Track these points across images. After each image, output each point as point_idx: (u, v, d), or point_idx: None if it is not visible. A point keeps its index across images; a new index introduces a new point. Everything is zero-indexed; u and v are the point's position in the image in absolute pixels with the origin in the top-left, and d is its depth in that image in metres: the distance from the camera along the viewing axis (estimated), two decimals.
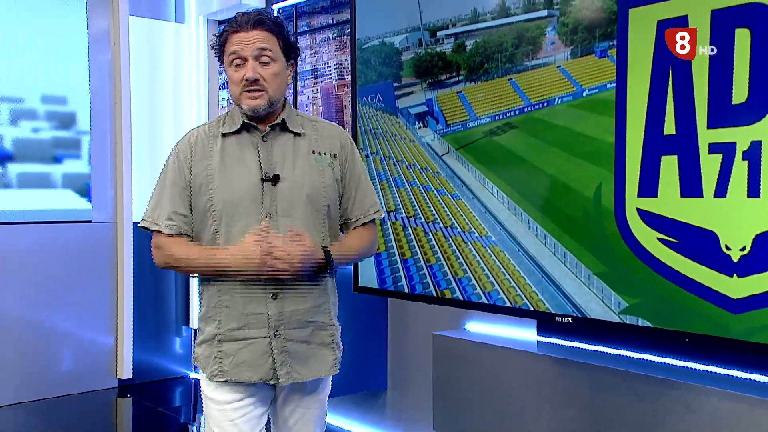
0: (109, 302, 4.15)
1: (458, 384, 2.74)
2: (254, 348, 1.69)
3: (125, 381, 4.18)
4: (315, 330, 1.74)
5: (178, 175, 1.72)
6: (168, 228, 1.71)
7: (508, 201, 2.46)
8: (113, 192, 4.15)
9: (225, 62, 1.71)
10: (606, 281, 2.22)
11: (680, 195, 2.04)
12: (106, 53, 4.10)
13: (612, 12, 2.16)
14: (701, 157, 1.99)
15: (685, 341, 2.07)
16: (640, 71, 2.10)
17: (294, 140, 1.74)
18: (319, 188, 1.72)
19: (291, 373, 1.71)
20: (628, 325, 2.18)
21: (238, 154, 1.71)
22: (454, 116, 2.62)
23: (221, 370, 1.69)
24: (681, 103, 2.03)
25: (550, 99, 2.34)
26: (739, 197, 1.92)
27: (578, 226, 2.28)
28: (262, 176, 1.68)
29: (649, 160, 2.10)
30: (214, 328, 1.71)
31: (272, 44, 1.68)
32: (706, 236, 2.00)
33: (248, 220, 1.68)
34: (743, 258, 1.93)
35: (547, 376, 2.44)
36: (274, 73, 1.68)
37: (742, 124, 1.91)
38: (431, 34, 2.66)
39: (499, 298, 2.51)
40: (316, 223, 1.72)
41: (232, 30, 1.68)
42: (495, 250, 2.51)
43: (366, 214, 1.82)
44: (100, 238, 4.11)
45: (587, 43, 2.22)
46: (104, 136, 4.12)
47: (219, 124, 1.76)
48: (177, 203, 1.72)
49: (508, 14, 2.43)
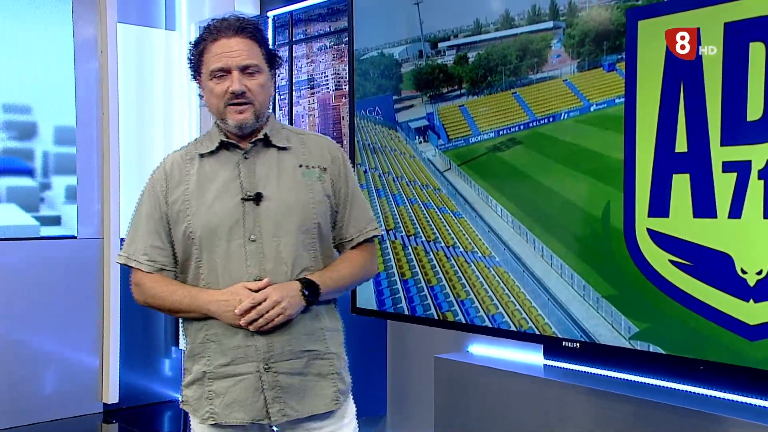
0: (95, 322, 4.12)
1: (461, 409, 2.71)
2: (244, 385, 1.62)
3: (111, 405, 4.14)
4: (310, 360, 1.65)
5: (153, 206, 1.68)
6: (145, 265, 1.67)
7: (513, 220, 2.45)
8: (100, 207, 4.13)
9: (203, 74, 1.64)
10: (615, 305, 2.20)
11: (693, 215, 2.03)
12: (93, 62, 4.10)
13: (620, 24, 2.16)
14: (714, 175, 1.98)
15: (700, 369, 2.05)
16: (650, 86, 2.09)
17: (279, 155, 1.67)
18: (307, 205, 1.66)
19: (285, 410, 1.63)
20: (639, 351, 2.16)
21: (216, 174, 1.65)
22: (456, 131, 2.61)
23: (212, 412, 1.63)
24: (693, 119, 2.02)
25: (556, 114, 2.33)
26: (755, 218, 1.91)
27: (586, 246, 2.27)
28: (242, 196, 1.62)
29: (660, 179, 2.09)
30: (203, 366, 1.64)
31: (256, 53, 1.62)
32: (720, 259, 1.99)
33: (230, 244, 1.62)
34: (760, 282, 1.92)
35: (555, 402, 2.42)
36: (260, 85, 1.62)
37: (757, 141, 1.91)
38: (432, 45, 2.66)
39: (504, 321, 2.49)
40: (306, 243, 1.65)
41: (212, 38, 1.61)
42: (499, 271, 2.50)
43: (363, 232, 1.75)
44: (85, 254, 4.09)
45: (594, 56, 2.22)
46: (91, 148, 4.11)
47: (197, 145, 1.70)
48: (153, 237, 1.67)
49: (512, 25, 2.43)
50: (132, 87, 4.23)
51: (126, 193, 4.14)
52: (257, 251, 1.62)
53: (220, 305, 1.60)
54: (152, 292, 1.67)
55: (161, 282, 1.67)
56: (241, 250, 1.61)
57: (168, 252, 1.68)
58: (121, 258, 1.71)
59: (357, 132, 2.93)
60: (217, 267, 1.63)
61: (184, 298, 1.64)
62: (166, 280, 1.68)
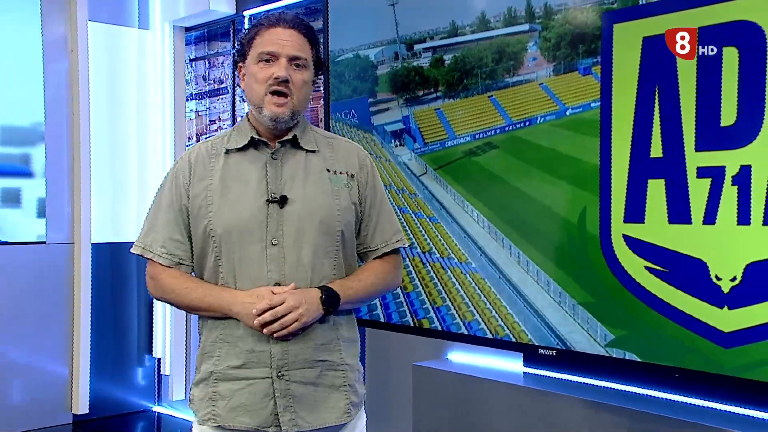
0: (65, 329, 4.09)
1: (439, 417, 2.73)
2: (254, 390, 1.61)
3: (81, 416, 4.11)
4: (324, 370, 1.64)
5: (174, 197, 1.66)
6: (163, 258, 1.66)
7: (489, 225, 2.47)
8: (70, 210, 4.11)
9: (249, 58, 1.64)
10: (591, 312, 2.23)
11: (668, 221, 2.07)
12: (63, 61, 4.08)
13: (596, 27, 2.19)
14: (689, 181, 2.02)
15: (675, 377, 2.08)
16: (626, 90, 2.13)
17: (306, 158, 1.67)
18: (332, 211, 1.65)
19: (296, 420, 1.61)
20: (615, 358, 2.19)
21: (242, 172, 1.64)
22: (432, 134, 2.63)
23: (214, 413, 1.63)
24: (668, 124, 2.06)
25: (532, 118, 2.36)
26: (728, 224, 1.95)
27: (562, 252, 2.30)
28: (268, 197, 1.62)
29: (636, 184, 2.12)
30: (211, 365, 1.64)
31: (306, 49, 1.64)
32: (695, 265, 2.02)
33: (252, 246, 1.61)
34: (734, 289, 1.95)
35: (534, 410, 2.44)
36: (303, 80, 1.63)
37: (731, 147, 1.94)
38: (408, 47, 2.68)
39: (480, 328, 2.51)
40: (328, 251, 1.64)
41: (269, 24, 1.63)
42: (475, 277, 2.52)
43: (388, 242, 1.74)
44: (55, 260, 4.07)
45: (570, 59, 2.25)
46: (61, 150, 4.09)
47: (224, 139, 1.69)
48: (172, 229, 1.66)
49: (488, 28, 2.45)
50: (103, 87, 4.21)
51: (98, 197, 4.13)
52: (278, 255, 1.61)
53: (245, 306, 1.59)
54: (170, 287, 1.66)
55: (180, 278, 1.66)
56: (262, 254, 1.61)
57: (187, 246, 1.67)
58: (138, 248, 1.69)
59: None
60: (235, 268, 1.62)
61: (205, 297, 1.63)
62: (185, 276, 1.67)
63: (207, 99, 4.25)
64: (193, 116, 4.37)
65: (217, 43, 4.17)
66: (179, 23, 4.25)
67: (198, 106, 4.31)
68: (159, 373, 4.42)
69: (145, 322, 4.41)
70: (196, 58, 4.30)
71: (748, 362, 1.93)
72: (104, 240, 4.12)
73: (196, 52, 4.29)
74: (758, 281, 1.90)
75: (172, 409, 4.28)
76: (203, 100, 4.28)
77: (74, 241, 4.10)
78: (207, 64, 4.24)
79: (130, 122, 4.33)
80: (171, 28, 4.26)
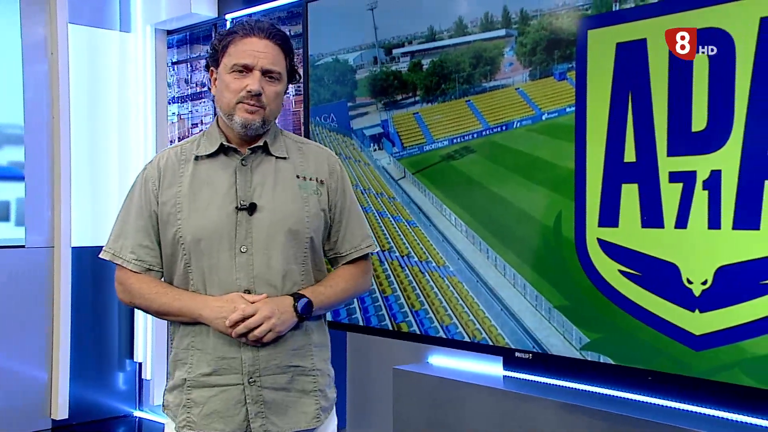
0: (44, 334, 4.08)
1: (420, 421, 2.75)
2: (226, 396, 1.63)
3: (60, 422, 4.09)
4: (295, 376, 1.67)
5: (144, 203, 1.67)
6: (132, 264, 1.67)
7: (467, 229, 2.50)
8: (50, 214, 4.10)
9: (222, 66, 1.64)
10: (567, 315, 2.26)
11: (641, 225, 2.10)
12: (42, 64, 4.07)
13: (571, 33, 2.22)
14: (662, 186, 2.05)
15: (648, 379, 2.11)
16: (600, 95, 2.16)
17: (276, 164, 1.68)
18: (302, 219, 1.66)
19: (266, 426, 1.64)
20: (590, 361, 2.21)
21: (211, 179, 1.65)
22: (410, 139, 2.66)
23: (190, 420, 1.65)
24: (641, 129, 2.09)
25: (508, 122, 2.39)
26: (699, 228, 1.98)
27: (538, 256, 2.33)
28: (237, 205, 1.63)
29: (610, 188, 2.15)
30: (184, 373, 1.66)
31: (280, 61, 1.64)
32: (667, 269, 2.05)
33: (221, 254, 1.62)
34: (705, 292, 1.99)
35: (513, 413, 2.46)
36: (276, 92, 1.64)
37: (701, 152, 1.98)
38: (387, 51, 2.71)
39: (458, 332, 2.54)
40: (297, 257, 1.66)
41: (244, 33, 1.62)
42: (453, 281, 2.54)
43: (357, 248, 1.77)
44: (34, 264, 4.05)
45: (546, 64, 2.28)
46: (40, 153, 4.08)
47: (193, 145, 1.70)
48: (142, 235, 1.67)
49: (465, 33, 2.48)
50: (84, 90, 4.20)
51: (78, 200, 4.12)
52: (247, 263, 1.62)
53: (214, 311, 1.60)
54: (139, 292, 1.67)
55: (149, 282, 1.67)
56: (231, 261, 1.62)
57: (156, 252, 1.68)
58: (107, 254, 1.69)
59: (312, 139, 2.96)
60: (205, 275, 1.63)
61: (174, 301, 1.64)
62: (154, 281, 1.68)
63: (189, 102, 4.26)
64: (175, 119, 4.38)
65: (199, 46, 4.18)
66: (161, 26, 4.26)
67: (180, 109, 4.31)
68: (140, 378, 4.41)
69: (126, 327, 4.40)
70: (179, 61, 4.30)
71: (717, 365, 1.96)
72: (85, 244, 4.11)
73: (178, 55, 4.30)
74: (728, 284, 1.94)
75: (154, 414, 4.27)
76: (185, 104, 4.28)
77: (54, 245, 4.10)
78: (189, 67, 4.25)
79: (111, 125, 4.32)
80: (153, 31, 4.27)
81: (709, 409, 2.05)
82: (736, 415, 2.00)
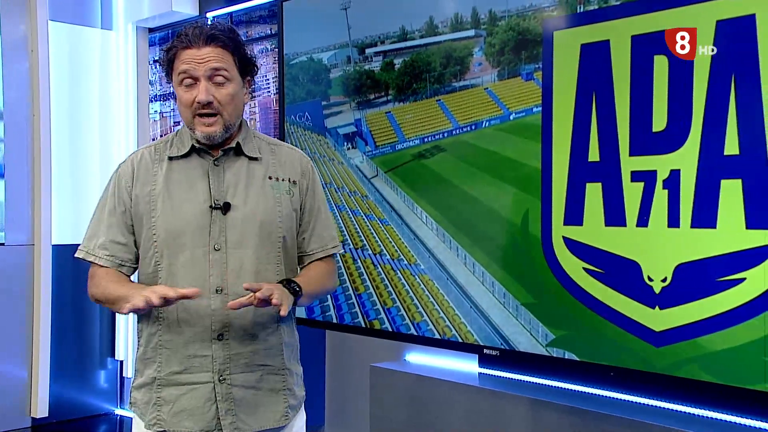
0: (24, 332, 4.12)
1: (396, 418, 2.80)
2: (196, 394, 1.66)
3: (40, 420, 4.13)
4: (264, 374, 1.70)
5: (117, 201, 1.71)
6: (104, 260, 1.69)
7: (437, 227, 2.55)
8: (30, 212, 4.14)
9: (174, 81, 1.67)
10: (534, 312, 2.32)
11: (604, 223, 2.16)
12: (22, 61, 4.11)
13: (538, 34, 2.28)
14: (624, 185, 2.11)
15: (610, 375, 2.17)
16: (565, 95, 2.22)
17: (249, 165, 1.71)
18: (274, 218, 1.69)
19: (236, 423, 1.67)
20: (555, 358, 2.27)
21: (185, 179, 1.69)
22: (382, 137, 2.72)
23: (159, 419, 1.67)
24: (604, 129, 2.15)
25: (478, 122, 2.45)
26: (660, 227, 2.05)
27: (506, 254, 2.39)
28: (211, 204, 1.66)
29: (575, 187, 2.21)
30: (154, 371, 1.69)
31: (227, 62, 1.64)
32: (629, 267, 2.11)
33: (194, 252, 1.65)
34: (665, 289, 2.05)
35: (488, 410, 2.51)
36: (229, 95, 1.64)
37: (661, 152, 2.04)
38: (360, 51, 2.76)
39: (429, 329, 2.59)
40: (270, 257, 1.69)
41: (182, 45, 1.63)
42: (424, 278, 2.60)
43: (324, 248, 1.80)
44: (14, 261, 4.09)
45: (514, 65, 2.34)
46: (21, 150, 4.12)
47: (166, 145, 1.73)
48: (114, 232, 1.70)
49: (435, 33, 2.54)
50: (65, 88, 4.24)
51: (59, 199, 4.16)
52: (221, 261, 1.65)
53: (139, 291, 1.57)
54: (98, 283, 1.68)
55: (111, 275, 1.68)
56: (204, 258, 1.65)
57: (130, 249, 1.71)
58: (81, 252, 1.73)
59: (287, 138, 3.02)
60: (177, 272, 1.66)
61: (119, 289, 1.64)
62: (117, 275, 1.69)
63: (171, 100, 4.30)
64: (157, 117, 4.42)
65: None
66: (142, 24, 4.30)
67: (162, 107, 4.36)
68: (121, 376, 4.46)
69: (108, 325, 4.44)
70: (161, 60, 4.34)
71: (676, 360, 2.03)
72: (65, 242, 4.15)
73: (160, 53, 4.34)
74: (686, 282, 2.00)
75: None
76: (168, 101, 4.33)
77: (34, 243, 4.14)
78: None
79: (92, 123, 4.36)
80: (134, 28, 4.31)
81: (669, 403, 2.11)
82: (694, 410, 2.06)
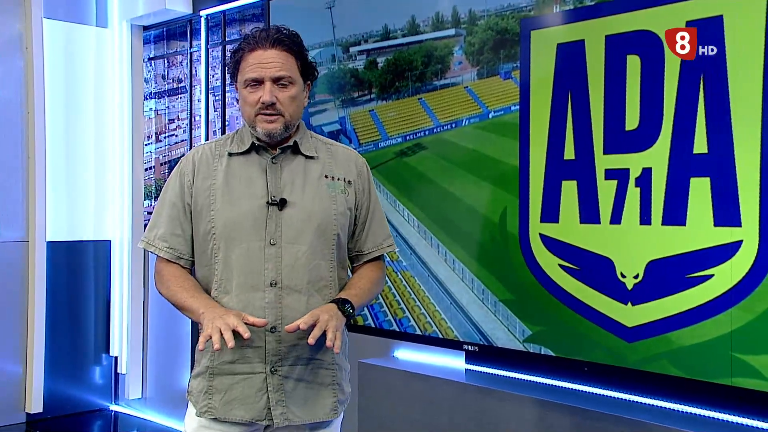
0: (19, 328, 4.19)
1: (384, 414, 2.86)
2: (248, 384, 1.73)
3: (35, 415, 4.19)
4: (315, 368, 1.76)
5: (177, 194, 1.79)
6: (163, 251, 1.79)
7: (419, 225, 2.62)
8: (25, 209, 4.22)
9: (239, 82, 1.76)
10: (511, 309, 2.38)
11: (579, 221, 2.22)
12: (17, 59, 4.19)
13: (515, 33, 2.34)
14: (598, 182, 2.17)
15: (584, 370, 2.23)
16: (542, 94, 2.28)
17: (306, 164, 1.79)
18: (329, 216, 1.76)
19: (287, 414, 1.73)
20: (532, 353, 2.33)
21: (244, 175, 1.77)
22: (366, 135, 2.78)
23: (210, 406, 1.74)
24: (579, 127, 2.21)
25: (458, 120, 2.51)
26: (632, 224, 2.10)
27: (485, 251, 2.45)
28: (268, 199, 1.74)
29: (551, 185, 2.27)
30: (208, 360, 1.76)
31: (290, 65, 1.73)
32: (603, 263, 2.17)
33: (250, 245, 1.72)
34: (636, 285, 2.11)
35: (474, 407, 2.56)
36: (291, 97, 1.73)
37: (634, 150, 2.10)
38: (344, 49, 2.82)
39: (410, 325, 2.66)
40: (324, 253, 1.76)
41: (249, 48, 1.73)
42: (406, 275, 2.67)
43: (379, 247, 1.87)
44: (9, 258, 4.17)
45: (492, 64, 2.40)
46: (15, 147, 4.20)
47: (227, 142, 1.82)
48: (174, 224, 1.79)
49: (417, 32, 2.60)
50: (60, 85, 4.32)
51: (54, 195, 4.24)
52: (276, 255, 1.73)
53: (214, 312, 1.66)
54: (167, 284, 1.78)
55: (178, 277, 1.78)
56: (260, 252, 1.73)
57: (187, 242, 1.80)
58: (142, 243, 1.83)
59: None
60: (233, 265, 1.73)
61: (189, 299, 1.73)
62: (184, 276, 1.79)
63: (167, 98, 4.38)
64: (152, 115, 4.50)
65: (176, 42, 4.30)
66: (137, 22, 4.37)
67: (158, 105, 4.43)
68: (116, 372, 4.54)
69: (103, 321, 4.52)
70: (156, 57, 4.42)
71: (648, 355, 2.08)
72: (60, 238, 4.24)
73: (155, 50, 4.42)
74: (657, 278, 2.06)
75: (130, 408, 4.39)
76: (162, 99, 4.40)
77: (28, 239, 4.22)
78: (166, 63, 4.37)
79: (87, 120, 4.44)
80: (129, 26, 4.38)
81: (640, 397, 2.17)
82: (665, 403, 2.11)
